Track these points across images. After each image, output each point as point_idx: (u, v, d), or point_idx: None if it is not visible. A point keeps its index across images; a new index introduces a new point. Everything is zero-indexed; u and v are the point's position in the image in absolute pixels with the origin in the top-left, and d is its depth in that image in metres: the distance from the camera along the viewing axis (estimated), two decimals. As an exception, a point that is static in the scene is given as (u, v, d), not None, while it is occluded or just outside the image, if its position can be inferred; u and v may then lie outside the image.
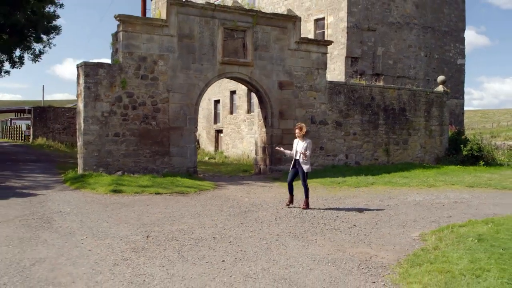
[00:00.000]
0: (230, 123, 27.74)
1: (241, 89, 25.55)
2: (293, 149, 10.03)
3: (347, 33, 21.90)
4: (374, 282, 5.24)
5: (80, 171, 13.88)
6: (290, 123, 16.21)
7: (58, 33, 22.88)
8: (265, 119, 16.60)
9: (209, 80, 15.36)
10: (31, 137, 33.64)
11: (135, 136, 14.21)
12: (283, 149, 10.80)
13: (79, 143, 14.17)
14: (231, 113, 27.77)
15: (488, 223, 7.59)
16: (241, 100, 26.78)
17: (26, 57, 23.14)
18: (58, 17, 22.41)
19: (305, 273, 5.50)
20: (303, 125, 10.02)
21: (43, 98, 62.57)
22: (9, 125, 51.15)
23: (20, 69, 29.16)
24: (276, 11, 23.32)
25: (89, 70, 13.66)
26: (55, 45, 27.90)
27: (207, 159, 25.24)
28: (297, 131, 9.96)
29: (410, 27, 24.10)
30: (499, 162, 20.23)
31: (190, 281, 5.17)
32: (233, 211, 9.46)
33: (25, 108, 45.18)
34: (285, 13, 16.75)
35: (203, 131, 30.40)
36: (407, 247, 6.70)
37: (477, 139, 20.06)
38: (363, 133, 18.11)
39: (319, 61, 17.09)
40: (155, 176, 13.56)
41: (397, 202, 10.82)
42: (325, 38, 22.15)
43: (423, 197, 11.54)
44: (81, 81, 13.78)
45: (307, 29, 23.20)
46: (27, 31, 21.14)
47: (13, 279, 5.16)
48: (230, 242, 6.88)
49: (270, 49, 16.17)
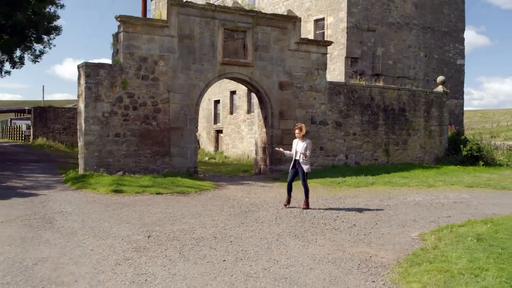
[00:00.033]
0: (230, 123, 27.77)
1: (241, 89, 25.58)
2: (292, 149, 10.06)
3: (347, 33, 21.94)
4: (374, 281, 5.28)
5: (81, 171, 13.92)
6: (290, 124, 16.24)
7: (58, 34, 22.94)
8: (265, 119, 16.64)
9: (210, 80, 15.40)
10: (31, 137, 33.65)
11: (135, 136, 14.26)
12: (282, 150, 10.83)
13: (80, 143, 14.22)
14: (231, 113, 27.80)
15: (487, 223, 7.64)
16: (241, 100, 26.81)
17: (26, 57, 23.20)
18: (58, 18, 22.48)
19: (306, 273, 5.55)
20: (303, 126, 10.05)
21: (43, 98, 62.51)
22: (9, 125, 51.09)
23: (20, 69, 29.16)
24: (276, 11, 23.35)
25: (90, 70, 13.70)
26: (55, 45, 27.98)
27: (207, 159, 25.28)
28: (297, 132, 9.99)
29: (409, 28, 24.13)
30: (498, 162, 20.24)
31: (191, 281, 5.21)
32: (234, 211, 9.51)
33: (25, 108, 45.19)
34: (285, 13, 16.79)
35: (203, 131, 30.43)
36: (407, 246, 6.75)
37: (477, 139, 20.09)
38: (363, 133, 18.15)
39: (319, 61, 17.13)
40: (155, 176, 13.61)
41: (397, 202, 10.87)
42: (325, 38, 22.17)
43: (423, 197, 11.58)
44: (82, 81, 13.83)
45: (307, 30, 23.24)
46: (27, 32, 21.17)
47: (16, 278, 5.20)
48: (231, 241, 6.92)
49: (270, 50, 16.21)
